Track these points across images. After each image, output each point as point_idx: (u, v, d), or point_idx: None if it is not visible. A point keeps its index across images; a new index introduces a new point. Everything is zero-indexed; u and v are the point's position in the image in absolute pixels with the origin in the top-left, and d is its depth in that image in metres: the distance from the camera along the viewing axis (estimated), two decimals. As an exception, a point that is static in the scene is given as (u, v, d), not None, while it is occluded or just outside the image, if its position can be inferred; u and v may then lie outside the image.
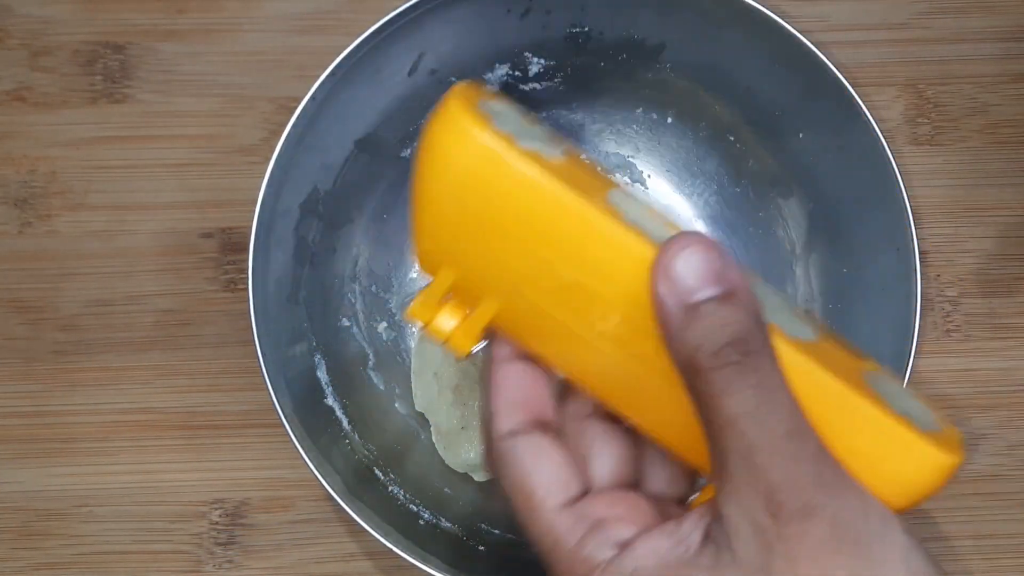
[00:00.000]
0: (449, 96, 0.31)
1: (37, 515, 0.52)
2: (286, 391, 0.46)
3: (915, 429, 0.30)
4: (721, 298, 0.29)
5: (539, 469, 0.32)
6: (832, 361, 0.31)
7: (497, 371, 0.34)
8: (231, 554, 0.51)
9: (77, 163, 0.55)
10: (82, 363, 0.53)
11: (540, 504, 0.32)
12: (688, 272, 0.29)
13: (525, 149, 0.30)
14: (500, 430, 0.33)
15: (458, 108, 0.30)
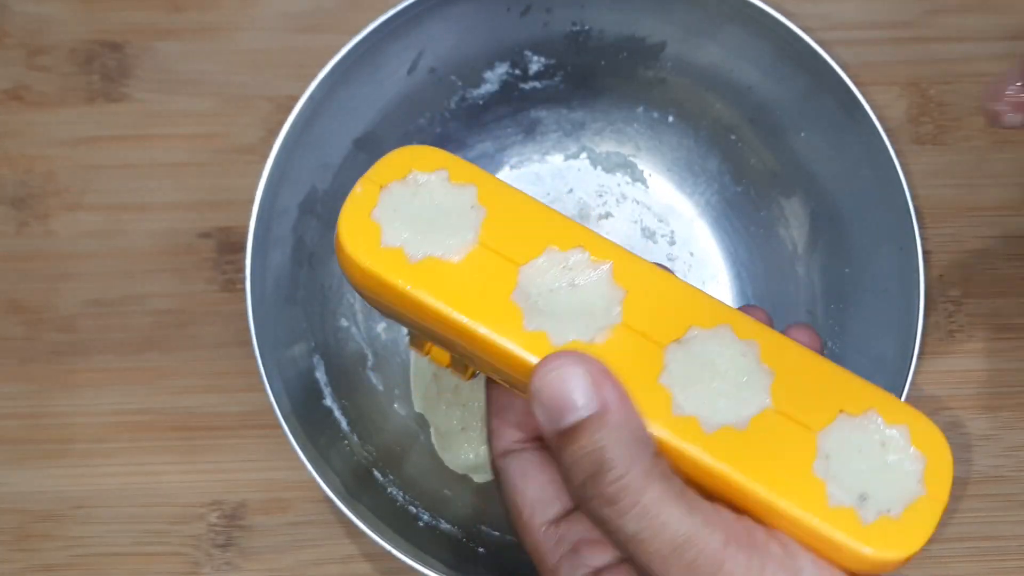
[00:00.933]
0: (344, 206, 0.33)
1: (34, 517, 0.52)
2: (284, 392, 0.46)
3: (853, 525, 0.30)
4: (584, 424, 0.29)
5: (526, 487, 0.33)
6: (765, 448, 0.30)
7: (494, 391, 0.35)
8: (229, 556, 0.51)
9: (74, 163, 0.55)
10: (79, 364, 0.53)
11: (528, 521, 0.32)
12: (552, 397, 0.29)
13: (415, 262, 0.31)
14: (496, 448, 0.34)
15: (346, 230, 0.32)
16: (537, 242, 0.32)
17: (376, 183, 0.33)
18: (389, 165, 0.34)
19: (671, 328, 0.31)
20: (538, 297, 0.31)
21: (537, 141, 0.55)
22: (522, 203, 0.33)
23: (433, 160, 0.33)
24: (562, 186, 0.55)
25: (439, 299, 0.31)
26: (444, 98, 0.52)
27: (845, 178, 0.49)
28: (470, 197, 0.33)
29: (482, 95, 0.53)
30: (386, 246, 0.32)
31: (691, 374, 0.31)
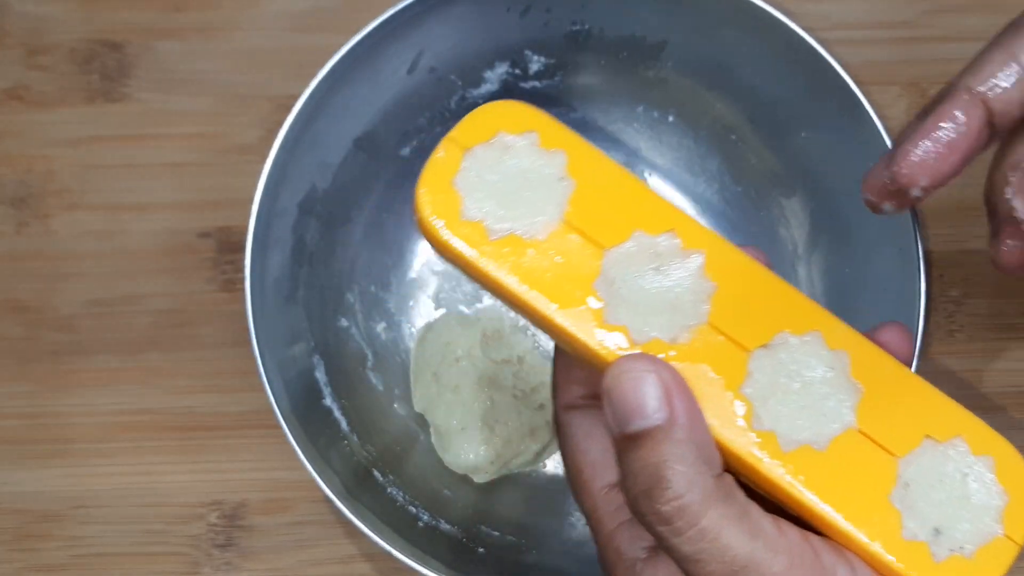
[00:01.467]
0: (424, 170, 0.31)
1: (33, 517, 0.51)
2: (284, 392, 0.46)
3: (924, 561, 0.28)
4: (649, 434, 0.28)
5: (590, 447, 0.32)
6: (844, 472, 0.29)
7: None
8: (229, 556, 0.51)
9: (74, 162, 0.55)
10: (79, 364, 0.53)
11: (588, 482, 0.32)
12: (622, 399, 0.28)
13: (496, 238, 0.29)
14: (560, 400, 0.33)
15: (425, 199, 0.31)
16: (626, 223, 0.30)
17: (460, 145, 0.31)
18: (475, 124, 0.31)
19: (759, 331, 0.30)
20: (622, 286, 0.30)
21: (537, 141, 0.55)
22: (613, 176, 0.31)
23: (523, 119, 0.31)
24: (562, 186, 0.54)
25: (519, 282, 0.29)
26: (444, 98, 0.52)
27: (845, 178, 0.49)
28: (559, 167, 0.31)
29: (482, 95, 0.53)
30: (466, 219, 0.30)
31: (775, 385, 0.30)
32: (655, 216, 0.30)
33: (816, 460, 0.29)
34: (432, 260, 0.54)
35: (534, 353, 0.53)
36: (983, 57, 0.32)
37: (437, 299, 0.54)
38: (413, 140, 0.53)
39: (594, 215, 0.30)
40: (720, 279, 0.30)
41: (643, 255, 0.30)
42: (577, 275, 0.29)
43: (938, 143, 0.33)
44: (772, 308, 0.30)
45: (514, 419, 0.50)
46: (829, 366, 0.30)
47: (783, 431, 0.29)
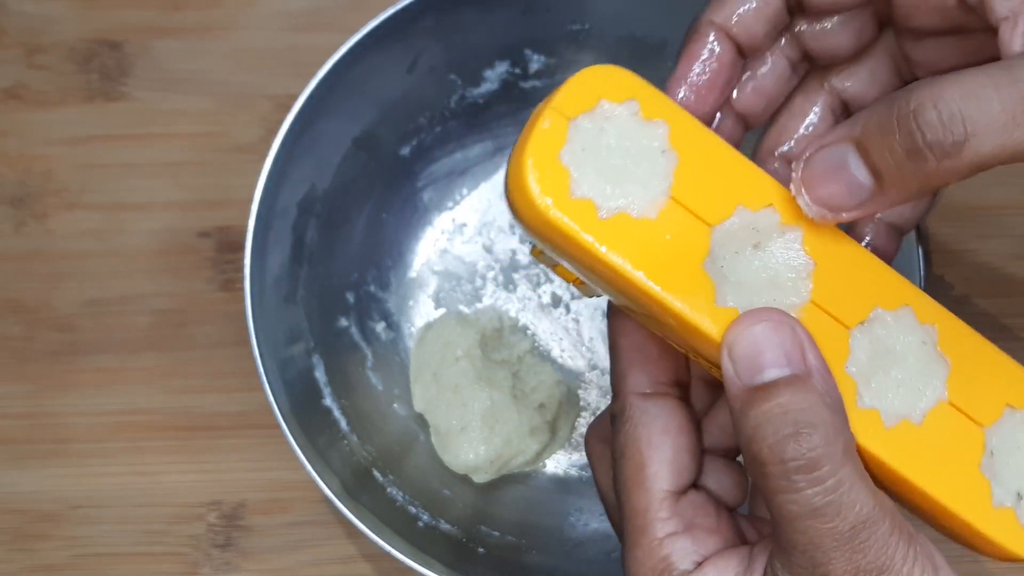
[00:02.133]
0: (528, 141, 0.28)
1: (32, 517, 0.51)
2: (284, 392, 0.46)
3: (1013, 525, 0.29)
4: (786, 381, 0.27)
5: (664, 443, 0.31)
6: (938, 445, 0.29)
7: (624, 326, 0.32)
8: (228, 556, 0.51)
9: (73, 162, 0.55)
10: (78, 364, 0.53)
11: (649, 479, 0.30)
12: (752, 351, 0.27)
13: (606, 217, 0.28)
14: (630, 386, 0.31)
15: (533, 175, 0.28)
16: (728, 198, 0.29)
17: (563, 115, 0.28)
18: (577, 90, 0.29)
19: (857, 308, 0.30)
20: (724, 264, 0.29)
21: (537, 140, 0.55)
22: (713, 147, 0.30)
23: (624, 87, 0.29)
24: (562, 185, 0.54)
25: (633, 265, 0.28)
26: (444, 97, 0.52)
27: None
28: (661, 139, 0.29)
29: (482, 94, 0.53)
30: (576, 196, 0.28)
31: (873, 361, 0.29)
32: (755, 190, 0.30)
33: (914, 435, 0.29)
34: (432, 260, 0.54)
35: (534, 353, 0.53)
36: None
37: (437, 299, 0.54)
38: (413, 140, 0.53)
39: (699, 190, 0.29)
40: (817, 255, 0.30)
41: (744, 232, 0.29)
42: (687, 256, 0.29)
43: (693, 86, 0.33)
44: (866, 283, 0.30)
45: (514, 419, 0.50)
46: (921, 340, 0.30)
47: (884, 408, 0.29)
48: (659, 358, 0.32)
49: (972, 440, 0.30)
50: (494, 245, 0.54)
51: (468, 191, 0.54)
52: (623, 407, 0.31)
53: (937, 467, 0.29)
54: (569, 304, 0.53)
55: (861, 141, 0.28)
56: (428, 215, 0.54)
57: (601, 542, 0.51)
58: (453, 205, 0.54)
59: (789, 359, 0.27)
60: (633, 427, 0.31)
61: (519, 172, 0.28)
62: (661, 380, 0.32)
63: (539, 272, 0.54)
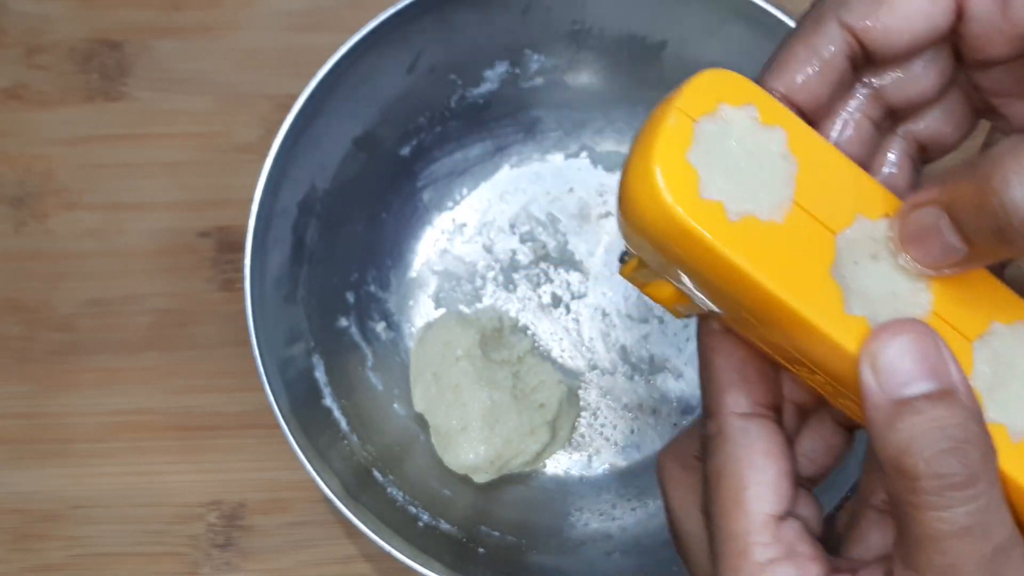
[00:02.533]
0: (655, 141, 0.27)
1: (32, 517, 0.51)
2: (284, 392, 0.46)
3: None
4: (936, 395, 0.26)
5: (767, 466, 0.29)
6: None
7: (724, 341, 0.31)
8: (228, 556, 0.51)
9: (73, 162, 0.55)
10: (78, 363, 0.53)
11: (750, 502, 0.29)
12: (899, 362, 0.26)
13: (735, 220, 0.27)
14: (729, 407, 0.30)
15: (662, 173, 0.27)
16: (849, 206, 0.29)
17: (688, 115, 0.28)
18: (698, 92, 0.28)
19: (976, 321, 0.29)
20: (848, 273, 0.28)
21: (537, 140, 0.55)
22: (831, 156, 0.29)
23: (742, 92, 0.29)
24: (563, 185, 0.54)
25: (763, 269, 0.27)
26: (444, 97, 0.52)
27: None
28: (782, 144, 0.29)
29: (482, 94, 0.53)
30: (706, 198, 0.27)
31: (996, 376, 0.29)
32: (873, 199, 0.29)
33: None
34: (432, 260, 0.54)
35: (534, 353, 0.53)
36: (784, 54, 0.31)
37: (437, 299, 0.54)
38: (413, 140, 0.53)
39: (821, 196, 0.29)
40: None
41: (864, 241, 0.29)
42: (814, 262, 0.28)
43: None
44: (983, 297, 0.30)
45: (514, 419, 0.50)
46: None
47: (1010, 423, 0.29)
48: (758, 379, 0.31)
49: None
50: (494, 245, 0.54)
51: (468, 191, 0.54)
52: (721, 427, 0.30)
53: None
54: (569, 304, 0.53)
55: (951, 210, 0.27)
56: (428, 215, 0.54)
57: (601, 542, 0.51)
58: (453, 205, 0.54)
59: (936, 373, 0.27)
60: (733, 447, 0.30)
61: (645, 172, 0.27)
62: (760, 401, 0.31)
63: (539, 272, 0.54)
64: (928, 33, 0.29)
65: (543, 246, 0.54)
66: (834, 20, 0.30)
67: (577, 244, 0.54)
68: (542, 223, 0.54)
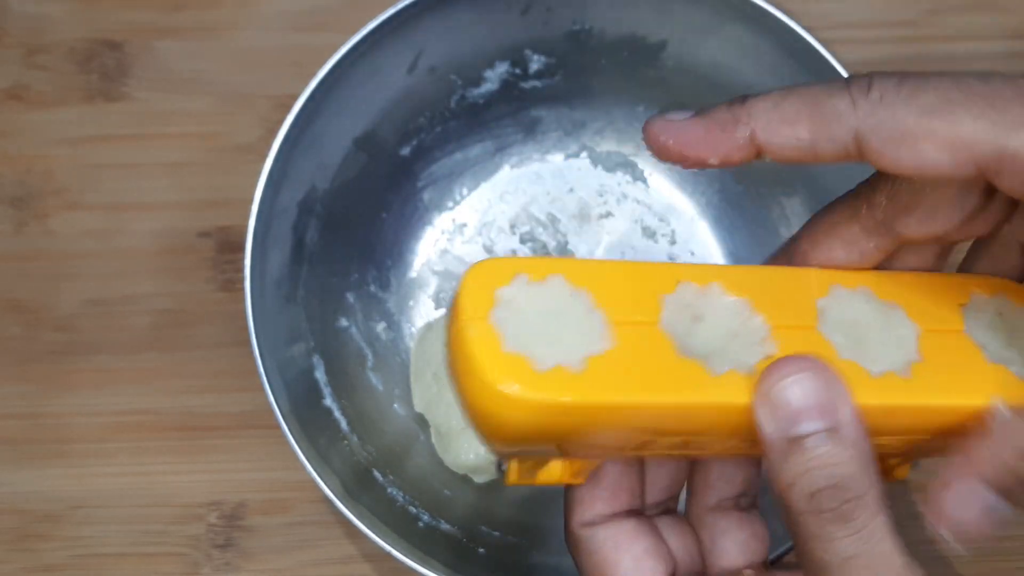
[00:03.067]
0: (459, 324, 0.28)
1: (32, 517, 0.52)
2: (284, 392, 0.46)
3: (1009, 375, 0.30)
4: (825, 433, 0.27)
5: (620, 559, 0.32)
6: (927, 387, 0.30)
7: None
8: (229, 556, 0.51)
9: (73, 162, 0.55)
10: (78, 364, 0.53)
11: None
12: (791, 401, 0.28)
13: (580, 369, 0.28)
14: (578, 518, 0.33)
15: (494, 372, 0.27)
16: (648, 296, 0.30)
17: (477, 317, 0.28)
18: (473, 293, 0.28)
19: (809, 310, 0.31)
20: (695, 348, 0.29)
21: (537, 140, 0.55)
22: (603, 268, 0.30)
23: (504, 271, 0.29)
24: (562, 185, 0.55)
25: (632, 396, 0.28)
26: (444, 97, 0.52)
27: (847, 177, 0.49)
28: (563, 287, 0.29)
29: (482, 94, 0.53)
30: (544, 370, 0.27)
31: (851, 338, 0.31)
32: (661, 275, 0.30)
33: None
34: (432, 260, 0.54)
35: (534, 353, 0.53)
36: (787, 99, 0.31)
37: (437, 299, 0.54)
38: (413, 140, 0.53)
39: (625, 304, 0.29)
40: (743, 292, 0.31)
41: (683, 312, 0.30)
42: (667, 355, 0.29)
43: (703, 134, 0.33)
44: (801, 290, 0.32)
45: (514, 419, 0.50)
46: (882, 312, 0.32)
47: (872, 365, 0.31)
48: (610, 492, 0.33)
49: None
50: (494, 245, 0.54)
51: (468, 191, 0.55)
52: (574, 540, 0.33)
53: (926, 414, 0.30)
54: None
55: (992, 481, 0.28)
56: (428, 215, 0.54)
57: (602, 542, 0.51)
58: (453, 205, 0.54)
59: (825, 411, 0.28)
60: (589, 555, 0.32)
61: (481, 384, 0.27)
62: (606, 512, 0.33)
63: (539, 272, 0.54)
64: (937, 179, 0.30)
65: (543, 246, 0.54)
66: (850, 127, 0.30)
67: (577, 244, 0.54)
68: (542, 223, 0.54)
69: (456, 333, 0.28)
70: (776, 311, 0.30)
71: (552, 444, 0.30)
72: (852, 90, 0.30)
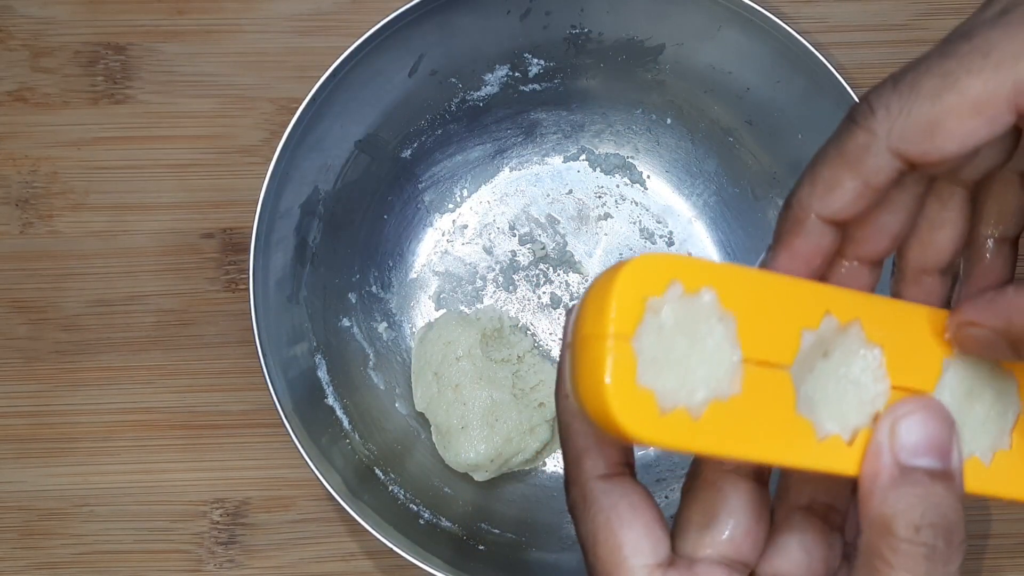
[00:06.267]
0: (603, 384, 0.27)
1: (38, 515, 0.52)
2: (287, 391, 0.46)
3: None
4: (938, 474, 0.28)
5: (635, 521, 0.30)
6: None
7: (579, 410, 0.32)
8: (232, 553, 0.52)
9: (78, 163, 0.55)
10: (83, 363, 0.53)
11: (627, 558, 0.30)
12: (914, 435, 0.28)
13: (700, 416, 0.27)
14: (592, 469, 0.31)
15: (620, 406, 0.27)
16: (790, 330, 0.29)
17: (622, 336, 0.27)
18: (624, 302, 0.27)
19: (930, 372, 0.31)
20: (812, 393, 0.29)
21: (537, 143, 0.55)
22: (761, 284, 0.29)
23: (659, 275, 0.28)
24: (561, 187, 0.55)
25: (739, 452, 0.28)
26: (445, 100, 0.52)
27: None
28: (713, 307, 0.28)
29: (482, 97, 0.53)
30: (665, 412, 0.27)
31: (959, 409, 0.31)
32: (810, 305, 0.30)
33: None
34: (433, 261, 0.54)
35: (533, 352, 0.53)
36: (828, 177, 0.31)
37: (438, 300, 0.54)
38: (414, 142, 0.53)
39: (764, 337, 0.29)
40: (882, 339, 0.30)
41: (816, 353, 0.30)
42: (780, 412, 0.29)
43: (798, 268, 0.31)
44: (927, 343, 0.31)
45: (514, 417, 0.50)
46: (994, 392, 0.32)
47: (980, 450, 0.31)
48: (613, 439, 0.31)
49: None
50: (494, 247, 0.54)
51: (468, 193, 0.55)
52: (584, 493, 0.31)
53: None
54: (568, 305, 0.54)
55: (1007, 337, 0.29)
56: (429, 216, 0.54)
57: (600, 539, 0.51)
58: (454, 207, 0.55)
59: (942, 454, 0.28)
60: (600, 510, 0.30)
61: (606, 414, 0.27)
62: (616, 460, 0.31)
63: (538, 273, 0.54)
64: (986, 140, 0.29)
65: (542, 247, 0.54)
66: (885, 150, 0.29)
67: (576, 245, 0.54)
68: (541, 225, 0.55)
69: (596, 340, 0.27)
70: (903, 368, 0.30)
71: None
72: (860, 121, 0.29)
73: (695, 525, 0.31)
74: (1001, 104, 0.28)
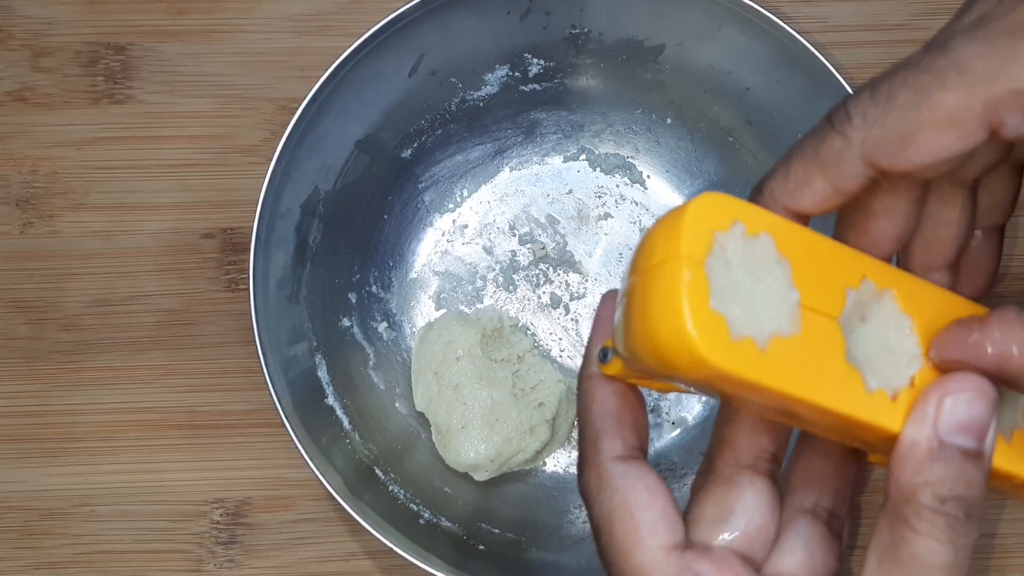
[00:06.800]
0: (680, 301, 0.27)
1: (39, 514, 0.52)
2: (287, 391, 0.46)
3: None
4: (972, 454, 0.29)
5: (650, 504, 0.30)
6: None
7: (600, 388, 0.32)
8: (232, 553, 0.52)
9: (79, 163, 0.55)
10: (84, 363, 0.53)
11: (644, 539, 0.30)
12: (960, 414, 0.29)
13: (765, 349, 0.28)
14: (611, 450, 0.31)
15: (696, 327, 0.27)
16: (836, 285, 0.30)
17: (696, 260, 0.28)
18: (694, 232, 0.28)
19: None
20: (854, 347, 0.30)
21: (537, 143, 0.55)
22: (810, 240, 0.30)
23: (725, 212, 0.29)
24: (561, 187, 0.55)
25: (799, 390, 0.28)
26: (445, 100, 0.52)
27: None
28: (771, 251, 0.29)
29: (482, 97, 0.53)
30: (737, 339, 0.27)
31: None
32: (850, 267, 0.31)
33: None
34: (433, 261, 0.54)
35: (533, 352, 0.53)
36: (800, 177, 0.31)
37: (438, 300, 0.54)
38: (414, 142, 0.53)
39: (818, 288, 0.30)
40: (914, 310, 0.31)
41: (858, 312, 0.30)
42: (833, 359, 0.29)
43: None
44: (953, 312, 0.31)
45: (514, 417, 0.51)
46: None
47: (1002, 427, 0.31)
48: (630, 423, 0.32)
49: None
50: (494, 247, 0.54)
51: (468, 193, 0.55)
52: (601, 474, 0.31)
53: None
54: (568, 304, 0.54)
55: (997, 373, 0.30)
56: (429, 216, 0.55)
57: (600, 539, 0.51)
58: (454, 207, 0.55)
59: (980, 435, 0.29)
60: (617, 491, 0.31)
61: (681, 334, 0.27)
62: (632, 444, 0.32)
63: (539, 273, 0.54)
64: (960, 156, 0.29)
65: (542, 247, 0.54)
66: (858, 158, 0.30)
67: (576, 245, 0.54)
68: (541, 225, 0.55)
69: (670, 264, 0.28)
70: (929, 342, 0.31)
71: (695, 387, 0.30)
72: (836, 125, 0.30)
73: (708, 519, 0.31)
74: (973, 120, 0.29)
